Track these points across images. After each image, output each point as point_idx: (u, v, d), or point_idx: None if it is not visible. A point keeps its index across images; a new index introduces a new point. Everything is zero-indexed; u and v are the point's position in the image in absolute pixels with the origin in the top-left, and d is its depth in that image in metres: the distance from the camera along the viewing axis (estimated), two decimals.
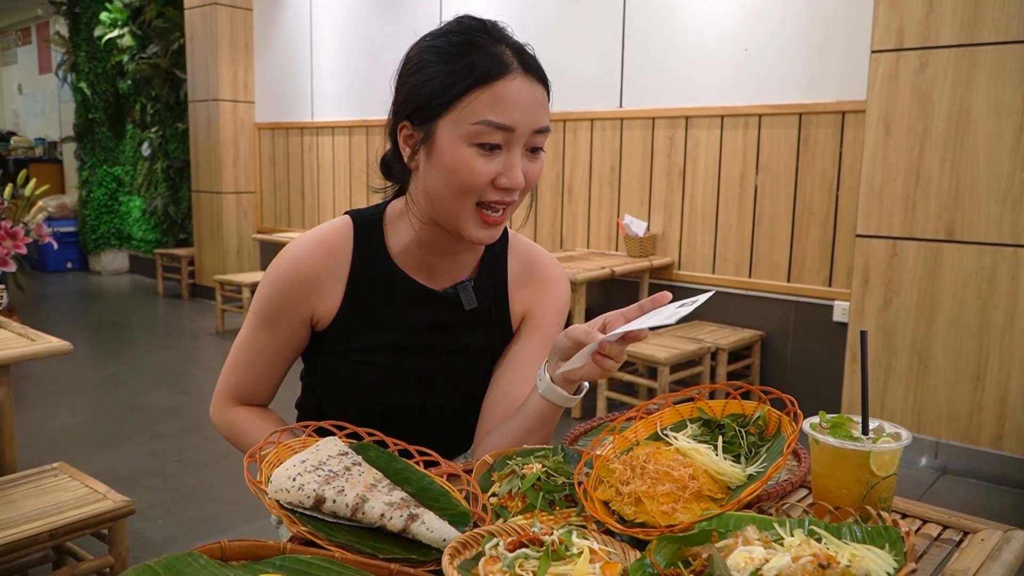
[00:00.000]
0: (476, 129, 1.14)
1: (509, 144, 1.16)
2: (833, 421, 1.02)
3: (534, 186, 1.23)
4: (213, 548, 0.85)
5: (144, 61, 7.77)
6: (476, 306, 1.34)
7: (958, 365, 3.38)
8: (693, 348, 3.90)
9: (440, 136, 1.17)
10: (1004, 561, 0.95)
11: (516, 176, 1.17)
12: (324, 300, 1.31)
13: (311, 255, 1.30)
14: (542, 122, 1.18)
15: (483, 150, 1.15)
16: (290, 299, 1.30)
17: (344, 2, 6.31)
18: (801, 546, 0.78)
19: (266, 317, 1.32)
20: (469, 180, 1.16)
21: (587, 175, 4.92)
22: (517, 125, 1.15)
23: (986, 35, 3.18)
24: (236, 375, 1.37)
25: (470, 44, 1.16)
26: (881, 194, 3.48)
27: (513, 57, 1.16)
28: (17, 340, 2.29)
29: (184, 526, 2.99)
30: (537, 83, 1.18)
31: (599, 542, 0.88)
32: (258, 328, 1.34)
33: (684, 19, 4.42)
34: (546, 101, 1.20)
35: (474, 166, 1.15)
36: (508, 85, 1.14)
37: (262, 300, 1.32)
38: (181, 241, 8.12)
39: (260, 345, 1.34)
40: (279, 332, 1.32)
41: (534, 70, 1.18)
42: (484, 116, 1.14)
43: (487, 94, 1.14)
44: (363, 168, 6.37)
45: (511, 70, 1.15)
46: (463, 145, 1.15)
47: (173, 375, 5.09)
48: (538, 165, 1.21)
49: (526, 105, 1.15)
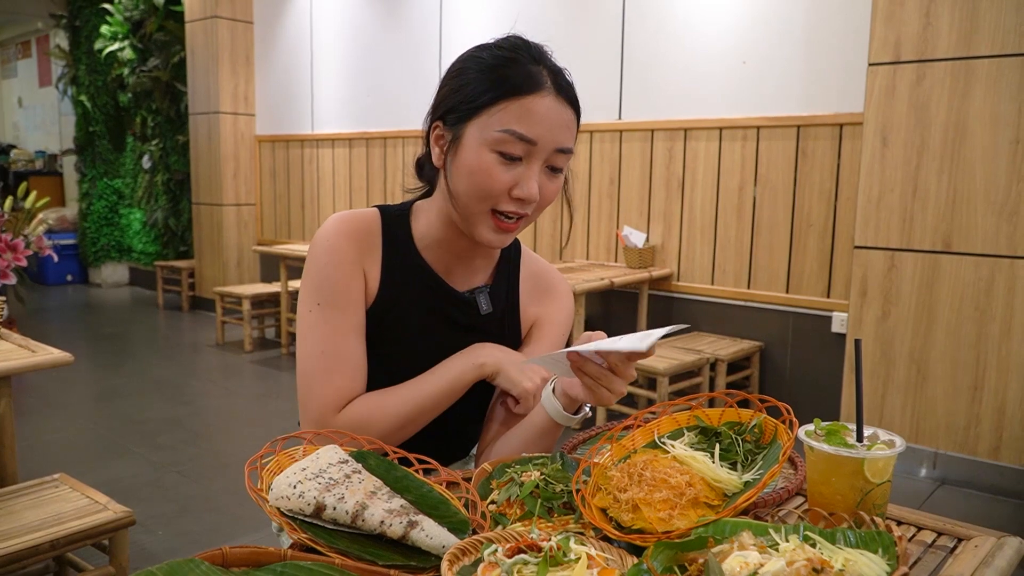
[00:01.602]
0: (500, 137, 1.18)
1: (530, 157, 1.20)
2: (828, 428, 1.03)
3: (548, 204, 1.27)
4: (214, 554, 0.86)
5: (145, 74, 7.80)
6: (491, 312, 1.38)
7: (956, 376, 3.39)
8: (692, 359, 3.91)
9: (467, 139, 1.21)
10: (997, 567, 0.96)
11: (531, 188, 1.20)
12: (370, 269, 1.32)
13: (355, 221, 1.32)
14: (565, 143, 1.22)
15: (504, 159, 1.19)
16: (347, 264, 1.28)
17: (344, 15, 6.35)
18: (796, 551, 0.79)
19: (332, 298, 1.27)
20: (487, 185, 1.20)
21: (587, 187, 4.95)
22: (540, 140, 1.19)
23: (982, 48, 3.21)
24: (339, 378, 1.26)
25: (510, 59, 1.21)
26: (879, 206, 3.49)
27: (548, 77, 1.21)
28: (18, 352, 2.30)
29: (185, 537, 2.99)
30: (567, 106, 1.22)
31: (597, 548, 0.89)
32: (329, 316, 1.27)
33: (683, 32, 4.45)
34: (574, 125, 1.24)
35: (493, 172, 1.19)
36: (538, 101, 1.19)
37: (318, 285, 1.27)
38: (181, 253, 8.14)
39: (341, 331, 1.27)
40: (350, 307, 1.28)
41: (566, 93, 1.22)
42: (509, 126, 1.18)
43: (516, 105, 1.19)
44: (363, 180, 6.39)
45: (543, 88, 1.20)
46: (486, 151, 1.19)
47: (173, 387, 5.10)
48: (556, 185, 1.25)
49: (552, 123, 1.20)
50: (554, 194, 1.26)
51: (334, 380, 1.25)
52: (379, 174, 6.25)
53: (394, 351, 1.33)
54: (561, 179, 1.26)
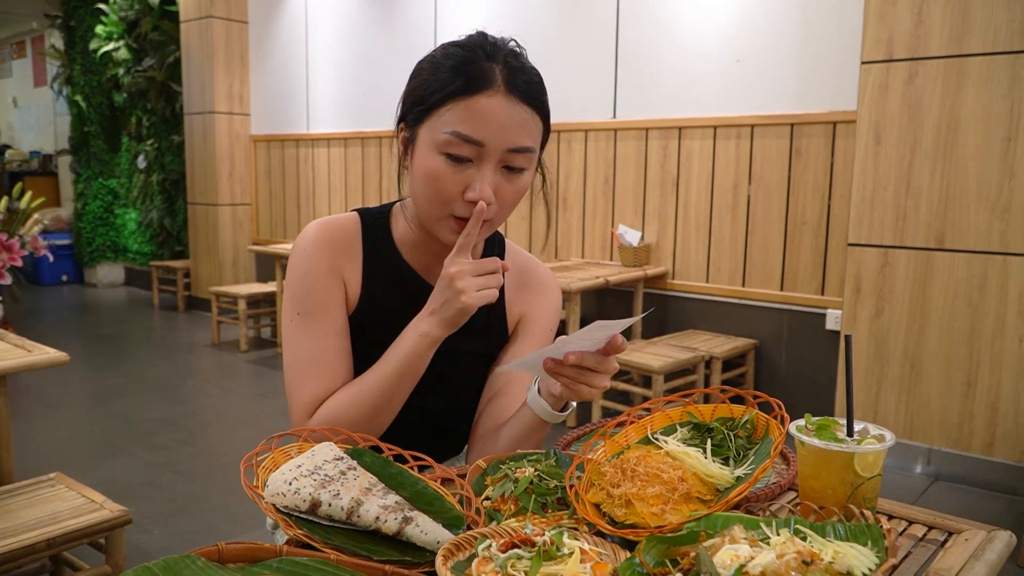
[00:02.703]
0: (446, 139, 1.16)
1: (480, 159, 1.17)
2: (819, 423, 1.04)
3: (512, 204, 1.23)
4: (211, 550, 0.87)
5: (140, 74, 7.79)
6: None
7: (949, 372, 3.41)
8: (687, 357, 3.92)
9: (419, 141, 1.20)
10: (987, 560, 0.97)
11: (483, 190, 1.17)
12: (350, 275, 1.32)
13: (334, 227, 1.33)
14: (519, 142, 1.18)
15: (452, 161, 1.17)
16: (323, 273, 1.30)
17: (340, 15, 6.35)
18: (786, 544, 0.79)
19: (310, 307, 1.29)
20: (438, 189, 1.18)
21: (581, 185, 4.95)
22: (487, 141, 1.16)
23: (974, 46, 3.22)
24: (313, 383, 1.28)
25: (464, 58, 1.18)
26: (872, 203, 3.51)
27: (500, 75, 1.17)
28: (14, 351, 2.30)
29: (180, 536, 2.99)
30: (521, 104, 1.17)
31: (590, 543, 0.90)
32: (309, 323, 1.29)
33: (677, 31, 4.46)
34: (532, 124, 1.19)
35: (443, 175, 1.18)
36: (485, 101, 1.15)
37: (299, 292, 1.29)
38: (177, 253, 8.13)
39: (318, 338, 1.28)
40: (329, 314, 1.29)
41: (521, 91, 1.17)
42: (455, 127, 1.16)
43: (462, 106, 1.16)
44: (359, 179, 6.39)
45: (491, 87, 1.16)
46: (435, 153, 1.18)
47: (169, 387, 5.10)
48: (517, 185, 1.21)
49: (500, 123, 1.16)
50: (516, 194, 1.22)
51: (308, 386, 1.27)
52: (374, 173, 6.25)
53: (379, 353, 1.32)
54: (524, 178, 1.22)
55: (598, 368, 1.13)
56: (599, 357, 1.12)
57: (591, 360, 1.12)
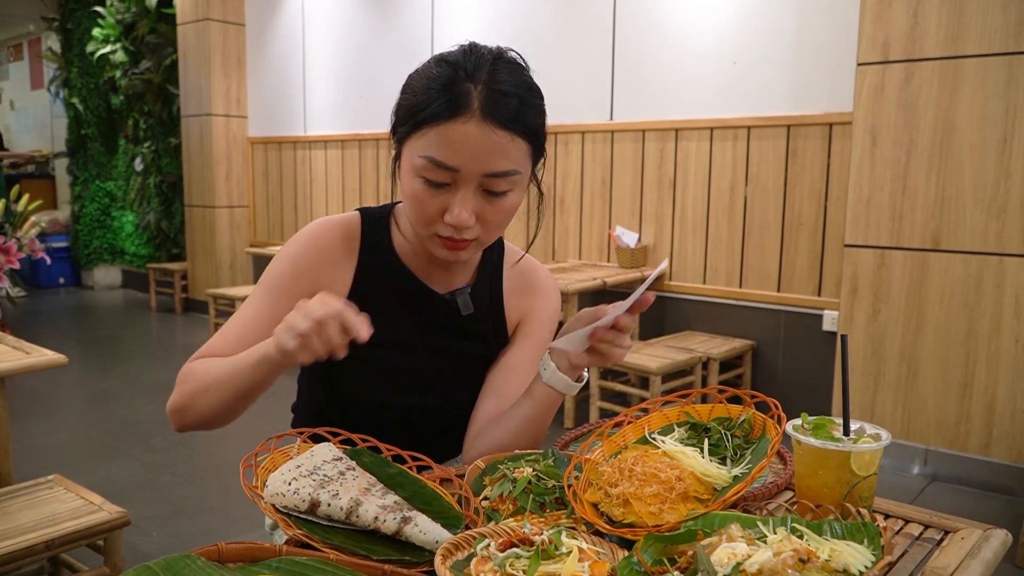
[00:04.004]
0: (422, 163, 1.16)
1: (456, 184, 1.16)
2: (815, 423, 1.05)
3: (497, 227, 1.23)
4: (210, 550, 0.87)
5: (137, 76, 7.79)
6: (472, 312, 1.38)
7: (946, 373, 3.42)
8: (684, 358, 3.93)
9: (404, 159, 1.21)
10: (983, 559, 0.98)
11: (459, 216, 1.16)
12: (334, 282, 1.33)
13: (330, 231, 1.34)
14: (496, 167, 1.15)
15: (429, 184, 1.17)
16: (304, 269, 1.31)
17: (336, 17, 6.35)
18: (783, 542, 0.80)
19: (274, 286, 1.31)
20: (420, 210, 1.19)
21: (578, 187, 4.96)
22: (462, 168, 1.14)
23: (970, 48, 3.23)
24: (223, 339, 1.29)
25: (445, 79, 1.15)
26: (868, 204, 3.51)
27: (477, 99, 1.13)
28: (12, 353, 2.30)
29: (179, 538, 2.99)
30: (499, 129, 1.14)
31: (588, 542, 0.90)
32: (262, 297, 1.31)
33: (673, 33, 4.47)
34: (511, 148, 1.16)
35: (421, 198, 1.18)
36: (458, 128, 1.13)
37: (273, 271, 1.32)
38: (174, 256, 8.13)
39: (260, 313, 1.30)
40: (284, 302, 1.25)
41: (498, 117, 1.13)
42: (428, 152, 1.15)
43: (435, 132, 1.14)
44: (356, 181, 6.39)
45: (466, 112, 1.13)
46: (414, 175, 1.18)
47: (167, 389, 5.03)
48: (499, 208, 1.20)
49: (473, 149, 1.13)
50: (502, 215, 1.21)
51: (214, 340, 1.30)
52: (371, 176, 6.25)
53: (374, 354, 1.31)
54: (509, 199, 1.20)
55: (624, 329, 1.18)
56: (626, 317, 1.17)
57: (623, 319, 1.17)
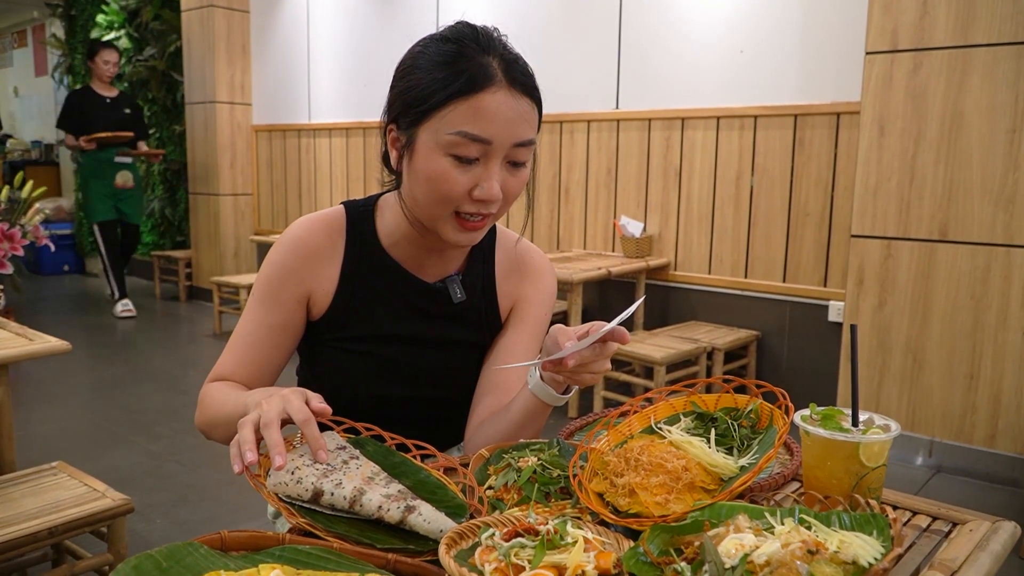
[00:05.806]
0: (453, 140, 1.14)
1: (487, 157, 1.16)
2: (824, 413, 1.04)
3: (514, 199, 1.23)
4: (213, 538, 0.87)
5: (141, 63, 7.77)
6: (464, 299, 1.37)
7: (952, 364, 3.40)
8: (689, 348, 3.92)
9: (420, 144, 1.18)
10: (992, 551, 0.97)
11: (492, 189, 1.16)
12: (321, 281, 1.33)
13: (311, 230, 1.33)
14: (524, 136, 1.17)
15: (459, 161, 1.15)
16: (290, 273, 1.31)
17: (341, 4, 6.32)
18: (791, 533, 0.79)
19: (264, 295, 1.32)
20: (445, 190, 1.17)
21: (584, 176, 4.94)
22: (495, 138, 1.14)
23: (979, 37, 3.21)
24: (231, 355, 1.34)
25: (458, 53, 1.15)
26: (876, 195, 3.49)
27: (499, 69, 1.15)
28: (16, 340, 2.29)
29: (182, 526, 3.00)
30: (523, 97, 1.16)
31: (593, 532, 0.89)
32: (256, 308, 1.33)
33: (680, 21, 4.44)
34: (532, 115, 1.18)
35: (450, 176, 1.16)
36: (489, 98, 1.13)
37: (262, 280, 1.33)
38: (178, 243, 8.13)
39: (257, 325, 1.33)
40: (277, 310, 1.32)
41: (520, 84, 1.16)
42: (461, 127, 1.13)
43: (466, 105, 1.13)
44: (360, 170, 6.38)
45: (494, 82, 1.14)
46: (440, 155, 1.16)
47: (171, 377, 5.10)
48: (520, 178, 1.21)
49: (506, 119, 1.14)
50: (519, 187, 1.22)
51: (224, 358, 1.34)
52: (375, 164, 6.18)
53: (368, 348, 1.33)
54: (526, 171, 1.21)
55: (597, 358, 1.12)
56: (598, 347, 1.11)
57: (589, 354, 1.11)
